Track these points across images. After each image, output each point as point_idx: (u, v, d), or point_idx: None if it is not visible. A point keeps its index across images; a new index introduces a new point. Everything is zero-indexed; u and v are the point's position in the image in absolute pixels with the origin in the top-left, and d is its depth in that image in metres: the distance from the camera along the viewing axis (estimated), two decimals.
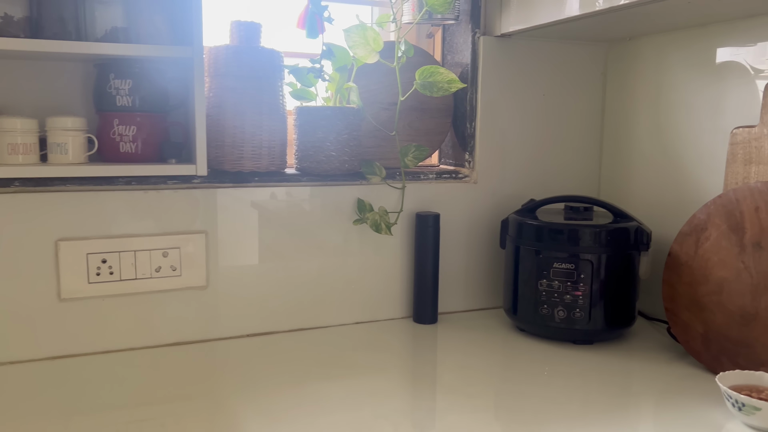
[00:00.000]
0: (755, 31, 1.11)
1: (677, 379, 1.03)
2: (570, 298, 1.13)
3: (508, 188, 1.38)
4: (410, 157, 1.22)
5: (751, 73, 1.13)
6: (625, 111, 1.39)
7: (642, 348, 1.16)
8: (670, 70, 1.28)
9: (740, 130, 1.11)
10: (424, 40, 1.46)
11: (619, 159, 1.41)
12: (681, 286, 1.10)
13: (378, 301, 1.30)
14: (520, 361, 1.10)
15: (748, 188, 1.04)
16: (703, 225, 1.09)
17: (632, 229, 1.15)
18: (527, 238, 1.19)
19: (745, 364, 0.98)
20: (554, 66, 1.39)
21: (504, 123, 1.36)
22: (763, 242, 1.00)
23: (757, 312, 0.98)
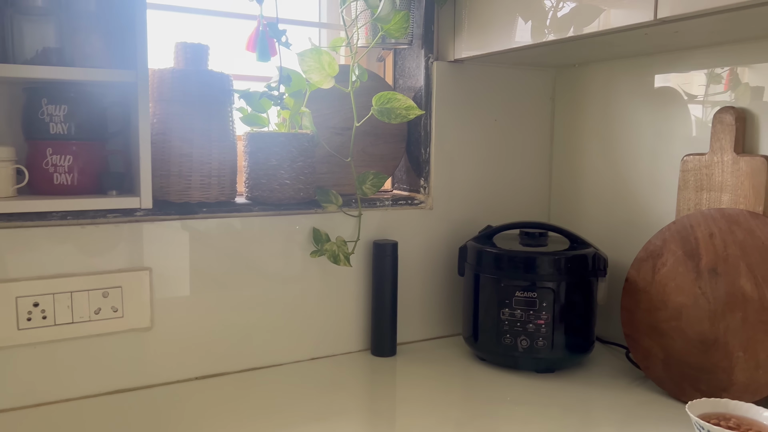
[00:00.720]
0: (700, 60, 1.15)
1: (639, 404, 1.03)
2: (533, 327, 1.12)
3: (463, 214, 1.36)
4: (368, 185, 1.18)
5: (699, 101, 1.17)
6: (574, 136, 1.41)
7: (602, 374, 1.16)
8: (617, 96, 1.31)
9: (691, 158, 1.13)
10: (374, 63, 1.44)
11: (569, 183, 1.43)
12: (640, 312, 1.11)
13: (334, 334, 1.24)
14: (481, 391, 1.08)
15: (701, 215, 1.07)
16: (659, 251, 1.11)
17: (590, 255, 1.16)
18: (487, 266, 1.17)
19: (707, 390, 0.99)
20: (505, 91, 1.39)
21: (458, 148, 1.34)
22: (719, 268, 1.02)
23: (717, 338, 1.00)
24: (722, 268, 1.02)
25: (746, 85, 1.08)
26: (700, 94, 1.16)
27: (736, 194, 1.06)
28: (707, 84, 1.15)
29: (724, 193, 1.08)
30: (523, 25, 1.12)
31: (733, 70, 1.10)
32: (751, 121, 1.06)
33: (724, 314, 1.00)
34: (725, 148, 1.08)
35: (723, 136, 1.08)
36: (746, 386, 0.95)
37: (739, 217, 1.02)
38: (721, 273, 1.02)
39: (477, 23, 1.21)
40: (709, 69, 1.14)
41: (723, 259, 1.02)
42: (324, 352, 1.24)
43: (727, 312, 1.00)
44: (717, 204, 1.09)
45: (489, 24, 1.18)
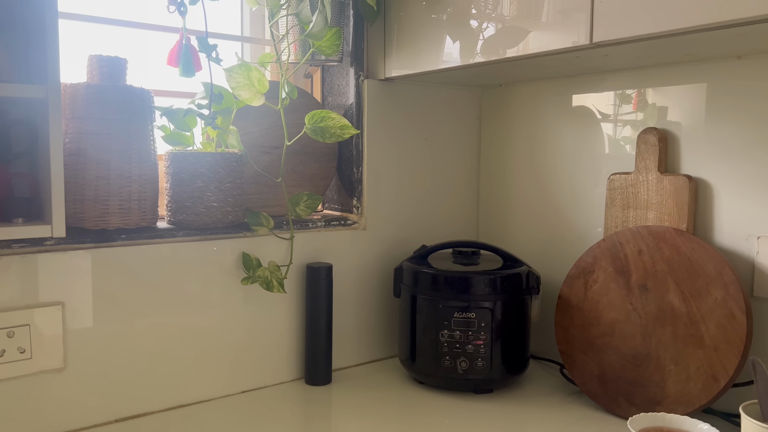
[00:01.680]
0: (613, 82, 1.19)
1: (576, 420, 1.04)
2: (472, 347, 1.11)
3: (395, 233, 1.34)
4: (302, 207, 1.13)
5: (615, 121, 1.21)
6: (500, 154, 1.43)
7: (539, 391, 1.17)
8: (542, 115, 1.34)
9: (617, 176, 1.17)
10: (301, 80, 1.39)
11: (497, 201, 1.44)
12: (574, 329, 1.13)
13: (267, 364, 1.18)
14: (420, 415, 1.05)
15: (630, 232, 1.10)
16: (590, 268, 1.13)
17: (524, 273, 1.17)
18: (424, 287, 1.15)
19: (641, 404, 1.02)
20: (434, 110, 1.39)
21: (389, 167, 1.32)
22: (649, 284, 1.05)
23: (649, 352, 1.03)
24: (651, 284, 1.05)
25: (653, 105, 1.13)
26: (614, 113, 1.21)
27: (661, 212, 1.10)
28: (618, 104, 1.20)
29: (649, 210, 1.12)
30: (451, 47, 1.12)
31: (641, 91, 1.15)
32: (672, 142, 1.11)
33: (655, 329, 1.03)
34: (650, 168, 1.12)
35: (647, 156, 1.12)
36: (678, 398, 0.99)
37: (665, 234, 1.06)
38: (651, 289, 1.05)
39: (407, 42, 1.20)
40: (620, 90, 1.19)
41: (652, 275, 1.05)
42: (256, 383, 1.17)
43: (658, 327, 1.03)
44: (643, 221, 1.12)
45: (418, 44, 1.17)
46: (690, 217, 1.07)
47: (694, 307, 0.99)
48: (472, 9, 1.07)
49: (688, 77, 1.08)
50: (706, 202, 1.07)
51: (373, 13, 1.23)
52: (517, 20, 1.00)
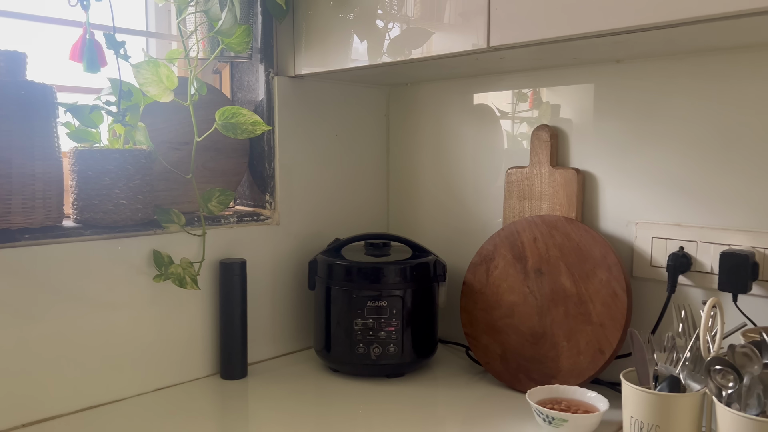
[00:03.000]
0: (510, 82, 1.28)
1: (482, 398, 1.12)
2: (384, 334, 1.16)
3: (309, 228, 1.37)
4: (214, 203, 1.14)
5: (513, 118, 1.30)
6: (408, 150, 1.49)
7: (446, 373, 1.24)
8: (446, 113, 1.41)
9: (514, 170, 1.26)
10: (209, 76, 1.39)
11: (406, 195, 1.51)
12: (477, 312, 1.21)
13: (181, 361, 1.18)
14: (336, 402, 1.10)
15: (526, 221, 1.19)
16: (491, 255, 1.22)
17: (432, 262, 1.23)
18: (339, 279, 1.19)
19: (539, 378, 1.11)
20: (344, 107, 1.43)
21: (301, 162, 1.35)
22: (543, 268, 1.15)
23: (544, 331, 1.12)
24: (546, 268, 1.14)
25: (547, 103, 1.23)
26: (512, 111, 1.30)
27: (553, 202, 1.20)
28: (515, 102, 1.29)
29: (543, 201, 1.21)
30: (359, 46, 1.16)
31: (536, 90, 1.25)
32: (562, 138, 1.22)
33: (550, 309, 1.13)
34: (542, 162, 1.21)
35: (540, 151, 1.22)
36: (571, 371, 1.08)
37: (557, 223, 1.16)
38: (545, 272, 1.14)
39: (315, 41, 1.23)
40: (518, 89, 1.28)
41: (546, 260, 1.15)
42: (171, 381, 1.16)
43: (552, 307, 1.12)
44: (538, 211, 1.22)
45: (327, 42, 1.21)
46: (578, 206, 1.18)
47: (583, 288, 1.10)
48: (378, 10, 1.12)
49: (578, 78, 1.18)
50: (592, 192, 1.18)
51: (281, 11, 1.25)
52: (420, 22, 1.06)
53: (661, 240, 1.09)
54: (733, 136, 1.01)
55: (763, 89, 0.97)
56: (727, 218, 1.02)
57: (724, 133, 1.02)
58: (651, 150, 1.10)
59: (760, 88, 0.98)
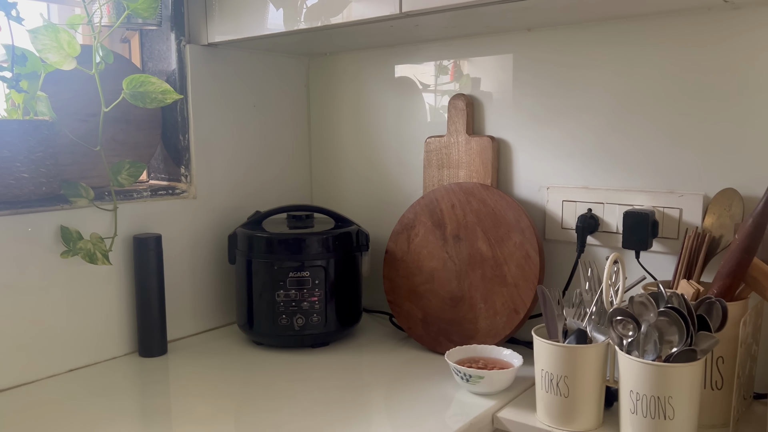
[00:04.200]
0: (430, 53, 1.30)
1: (405, 362, 1.14)
2: (307, 304, 1.16)
3: (228, 201, 1.34)
4: (124, 175, 1.10)
5: (433, 90, 1.31)
6: (329, 121, 1.48)
7: (371, 340, 1.26)
8: (366, 84, 1.41)
9: (432, 140, 1.28)
10: (118, 44, 1.33)
11: (328, 166, 1.50)
12: (399, 279, 1.23)
13: (96, 340, 1.14)
14: (260, 375, 1.09)
15: (444, 189, 1.22)
16: (412, 223, 1.23)
17: (354, 232, 1.24)
18: (259, 251, 1.18)
19: (459, 340, 1.14)
20: (262, 77, 1.40)
21: (218, 134, 1.32)
22: (461, 234, 1.17)
23: (462, 294, 1.16)
24: (463, 234, 1.17)
25: (467, 76, 1.25)
26: (431, 82, 1.31)
27: (470, 170, 1.23)
28: (437, 74, 1.30)
29: (460, 169, 1.24)
30: (274, 12, 1.14)
31: (456, 63, 1.27)
32: (478, 107, 1.24)
33: (468, 273, 1.16)
34: (459, 130, 1.24)
35: (457, 119, 1.24)
36: (488, 332, 1.12)
37: (473, 189, 1.18)
38: (463, 238, 1.17)
39: (229, 7, 1.20)
40: (438, 61, 1.29)
41: (463, 226, 1.17)
42: (85, 360, 1.12)
43: (470, 271, 1.15)
44: (455, 179, 1.24)
45: (240, 9, 1.18)
46: (494, 173, 1.21)
47: (498, 251, 1.13)
48: None
49: (496, 49, 1.19)
50: (507, 159, 1.22)
51: None
52: None
53: (570, 203, 1.13)
54: (634, 104, 1.06)
55: (657, 57, 1.02)
56: (630, 180, 1.07)
57: (625, 100, 1.07)
58: (561, 118, 1.14)
59: (655, 56, 1.03)
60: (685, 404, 0.78)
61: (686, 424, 0.79)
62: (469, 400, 0.97)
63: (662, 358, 0.79)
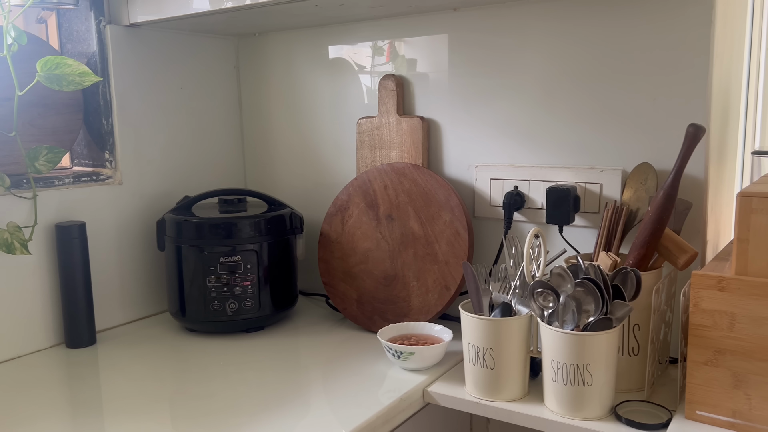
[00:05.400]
0: (356, 33, 1.29)
1: (341, 342, 1.15)
2: (240, 289, 1.15)
3: (157, 187, 1.31)
4: (42, 161, 1.05)
5: (356, 69, 1.31)
6: (261, 103, 1.46)
7: (307, 323, 1.26)
8: (298, 64, 1.39)
9: (364, 120, 1.28)
10: (33, 25, 1.27)
11: (262, 149, 1.48)
12: (334, 261, 1.23)
13: (18, 333, 1.10)
14: (194, 362, 1.08)
15: (376, 170, 1.22)
16: (346, 205, 1.23)
17: (287, 215, 1.23)
18: (189, 237, 1.16)
19: (393, 318, 1.15)
20: (189, 58, 1.37)
21: (145, 118, 1.28)
22: (394, 214, 1.18)
23: (396, 273, 1.17)
24: (396, 214, 1.18)
25: (403, 56, 1.25)
26: (367, 64, 1.31)
27: (401, 150, 1.23)
28: (372, 55, 1.30)
29: (392, 150, 1.24)
30: None
31: (392, 43, 1.27)
32: (408, 87, 1.24)
33: (400, 252, 1.17)
34: (390, 111, 1.24)
35: (387, 100, 1.24)
36: (421, 309, 1.14)
37: (405, 170, 1.19)
38: (396, 218, 1.18)
39: None
40: (373, 41, 1.29)
41: (396, 206, 1.18)
42: (8, 354, 1.08)
43: (402, 250, 1.17)
44: (388, 159, 1.25)
45: None
46: (425, 153, 1.22)
47: (429, 230, 1.15)
48: None
49: (432, 29, 1.19)
50: (437, 139, 1.23)
51: None
52: None
53: (498, 180, 1.16)
54: (556, 83, 1.08)
55: (575, 37, 1.05)
56: (554, 157, 1.10)
57: (548, 79, 1.09)
58: (489, 98, 1.16)
59: (574, 36, 1.05)
60: (602, 371, 0.81)
61: (604, 390, 0.82)
62: (402, 376, 0.98)
63: (580, 327, 0.82)
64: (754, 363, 0.74)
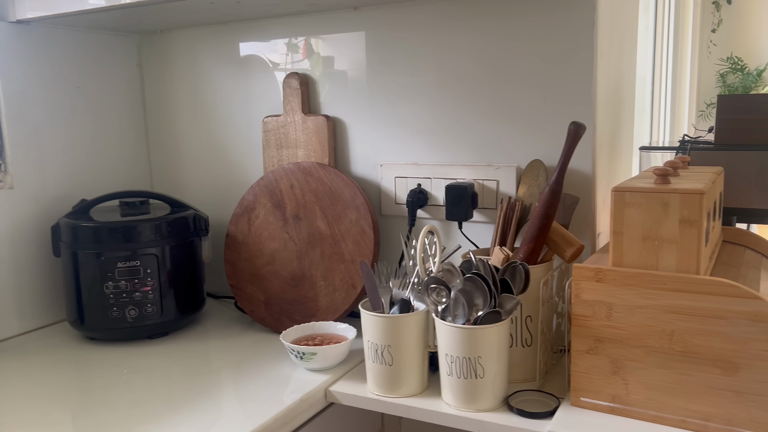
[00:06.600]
0: (270, 29, 1.28)
1: (250, 345, 1.13)
2: (140, 295, 1.12)
3: (54, 191, 1.26)
4: None
5: (271, 67, 1.30)
6: (166, 102, 1.42)
7: (216, 326, 1.23)
8: (203, 62, 1.36)
9: (270, 119, 1.27)
10: None
11: (168, 150, 1.44)
12: (241, 263, 1.21)
13: None
14: (96, 371, 1.04)
15: (282, 169, 1.21)
16: (252, 205, 1.22)
17: (190, 217, 1.20)
18: (85, 242, 1.12)
19: (301, 319, 1.15)
20: (87, 57, 1.31)
21: (37, 119, 1.22)
22: (301, 214, 1.18)
23: (303, 273, 1.16)
24: (303, 213, 1.18)
25: (318, 54, 1.23)
26: (270, 60, 1.29)
27: (308, 149, 1.23)
28: (287, 52, 1.28)
29: (299, 149, 1.24)
30: None
31: (308, 41, 1.24)
32: (313, 86, 1.24)
33: (308, 252, 1.16)
34: (295, 110, 1.23)
35: (292, 98, 1.23)
36: (328, 308, 1.14)
37: (311, 169, 1.19)
38: (303, 217, 1.18)
39: None
40: (288, 39, 1.26)
41: (302, 205, 1.18)
42: None
43: (310, 250, 1.16)
44: (294, 159, 1.24)
45: None
46: (331, 152, 1.22)
47: (336, 229, 1.15)
48: None
49: (349, 26, 1.18)
50: (343, 138, 1.23)
51: None
52: None
53: (402, 179, 1.17)
54: (455, 82, 1.10)
55: (472, 37, 1.07)
56: (454, 155, 1.12)
57: (448, 79, 1.11)
58: (393, 97, 1.17)
59: (470, 35, 1.07)
60: (493, 363, 0.84)
61: (496, 381, 0.85)
62: (306, 377, 0.98)
63: (471, 321, 0.84)
64: (629, 350, 0.78)
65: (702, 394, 0.74)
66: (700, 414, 0.75)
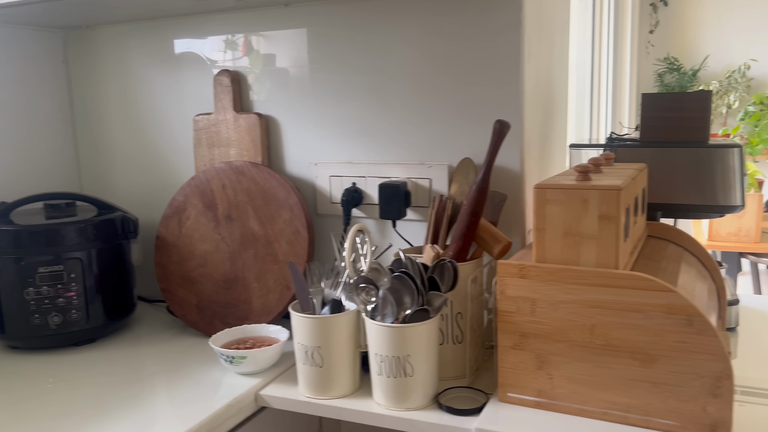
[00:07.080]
0: (204, 26, 1.24)
1: (182, 350, 1.10)
2: (63, 301, 1.08)
3: None
4: None
5: (206, 64, 1.26)
6: (95, 101, 1.37)
7: (148, 331, 1.20)
8: (132, 59, 1.32)
9: (201, 117, 1.24)
10: None
11: (97, 151, 1.39)
12: (172, 266, 1.18)
13: None
14: (20, 381, 0.99)
15: (214, 169, 1.18)
16: (183, 206, 1.19)
17: (118, 219, 1.17)
18: (4, 247, 1.06)
19: (234, 322, 1.12)
20: (7, 52, 1.26)
21: None
22: (233, 214, 1.15)
23: (236, 275, 1.14)
24: (235, 214, 1.15)
25: (257, 52, 1.21)
26: (204, 56, 1.26)
27: (240, 148, 1.20)
28: (225, 50, 1.24)
29: (231, 147, 1.21)
30: None
31: (247, 38, 1.21)
32: (245, 83, 1.22)
33: (240, 253, 1.14)
34: (227, 108, 1.21)
35: (223, 96, 1.20)
36: (262, 311, 1.12)
37: (243, 168, 1.16)
38: (235, 218, 1.15)
39: None
40: (226, 35, 1.23)
41: (235, 206, 1.15)
42: None
43: (242, 251, 1.14)
44: (226, 158, 1.22)
45: None
46: (264, 150, 1.20)
47: (269, 229, 1.13)
48: None
49: (290, 23, 1.16)
50: (277, 136, 1.21)
51: None
52: None
53: (337, 178, 1.16)
54: (389, 81, 1.10)
55: (404, 36, 1.07)
56: (388, 154, 1.12)
57: (382, 77, 1.10)
58: (328, 95, 1.15)
59: (403, 35, 1.07)
60: (422, 361, 0.84)
61: (426, 379, 0.85)
62: (236, 381, 0.96)
63: (400, 320, 0.83)
64: (553, 344, 0.79)
65: (622, 386, 0.76)
66: (620, 405, 0.76)
